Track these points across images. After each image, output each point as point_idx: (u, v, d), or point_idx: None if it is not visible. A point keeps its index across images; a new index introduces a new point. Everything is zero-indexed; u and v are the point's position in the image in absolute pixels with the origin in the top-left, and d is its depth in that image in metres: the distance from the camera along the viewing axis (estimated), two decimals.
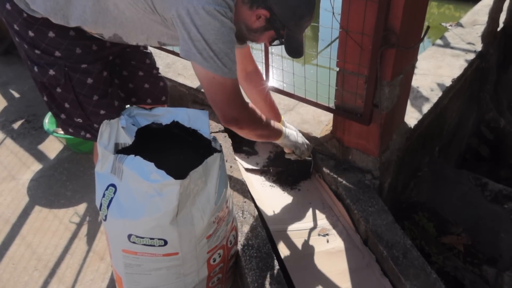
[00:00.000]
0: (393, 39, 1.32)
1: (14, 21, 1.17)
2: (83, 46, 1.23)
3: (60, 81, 1.24)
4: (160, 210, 1.02)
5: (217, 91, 1.12)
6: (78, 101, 1.28)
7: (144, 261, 1.12)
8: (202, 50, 1.05)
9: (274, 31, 1.20)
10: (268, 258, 1.37)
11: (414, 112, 1.89)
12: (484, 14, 2.81)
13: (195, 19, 1.02)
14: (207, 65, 1.07)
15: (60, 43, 1.19)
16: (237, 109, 1.18)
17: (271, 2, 1.12)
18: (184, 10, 1.02)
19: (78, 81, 1.25)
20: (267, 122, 1.37)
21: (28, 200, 1.94)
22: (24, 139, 2.37)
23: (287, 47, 1.23)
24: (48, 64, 1.21)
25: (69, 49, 1.21)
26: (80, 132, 1.37)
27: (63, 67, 1.21)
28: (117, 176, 1.06)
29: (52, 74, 1.22)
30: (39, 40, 1.19)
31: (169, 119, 1.23)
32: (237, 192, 1.63)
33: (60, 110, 1.32)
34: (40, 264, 1.63)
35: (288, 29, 1.18)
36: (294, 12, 1.15)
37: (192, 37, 1.04)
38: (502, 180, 2.57)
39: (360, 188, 1.64)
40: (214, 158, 1.10)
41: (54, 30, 1.18)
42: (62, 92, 1.27)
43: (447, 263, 1.87)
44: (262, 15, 1.15)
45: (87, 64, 1.25)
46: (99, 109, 1.31)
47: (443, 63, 2.30)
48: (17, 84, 2.94)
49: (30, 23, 1.16)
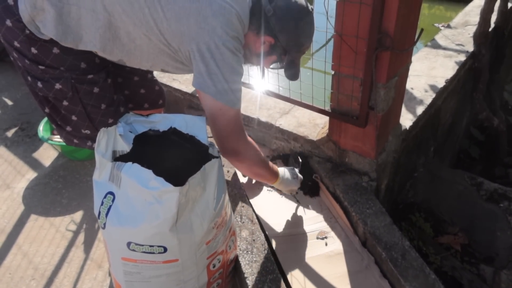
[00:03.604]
0: (388, 42, 1.33)
1: (15, 38, 1.16)
2: (87, 60, 1.23)
3: (67, 94, 1.23)
4: (159, 217, 1.02)
5: (224, 121, 1.17)
6: (86, 112, 1.28)
7: (144, 269, 1.12)
8: (217, 82, 1.11)
9: (276, 56, 1.27)
10: (267, 262, 1.37)
11: (409, 114, 1.90)
12: (475, 15, 2.85)
13: (215, 54, 1.09)
14: (220, 97, 1.13)
15: (65, 59, 1.19)
16: (240, 141, 1.24)
17: (276, 30, 1.20)
18: (205, 45, 1.09)
19: (85, 92, 1.25)
20: (266, 162, 1.41)
21: (23, 209, 1.93)
22: (18, 147, 2.35)
23: (286, 71, 1.31)
24: (53, 78, 1.20)
25: (74, 64, 1.21)
26: (86, 142, 1.37)
27: (69, 79, 1.21)
28: (115, 184, 1.05)
29: (59, 88, 1.22)
30: (43, 57, 1.18)
31: (166, 126, 1.23)
32: (235, 197, 1.63)
33: (65, 123, 1.31)
34: (37, 273, 1.62)
35: (290, 54, 1.26)
36: (296, 40, 1.23)
37: (209, 70, 1.10)
38: (496, 179, 2.60)
39: (358, 190, 1.65)
40: (212, 164, 1.10)
41: (58, 46, 1.17)
42: (69, 105, 1.26)
43: (444, 263, 1.88)
44: (267, 42, 1.23)
45: (93, 75, 1.25)
46: (107, 118, 1.32)
47: (436, 64, 2.32)
48: (10, 91, 2.92)
49: (33, 40, 1.15)
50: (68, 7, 1.10)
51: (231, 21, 1.12)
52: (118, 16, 1.12)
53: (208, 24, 1.09)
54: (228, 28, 1.11)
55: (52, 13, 1.09)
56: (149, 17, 1.11)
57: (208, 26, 1.09)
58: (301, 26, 1.21)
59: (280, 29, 1.19)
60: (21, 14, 1.10)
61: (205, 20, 1.09)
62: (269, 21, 1.19)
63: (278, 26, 1.19)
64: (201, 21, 1.09)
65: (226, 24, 1.10)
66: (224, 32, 1.10)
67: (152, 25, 1.12)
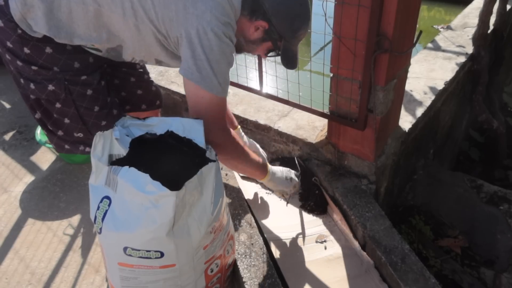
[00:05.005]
0: (386, 44, 1.33)
1: (7, 39, 1.15)
2: (80, 59, 1.22)
3: (60, 96, 1.22)
4: (156, 222, 1.01)
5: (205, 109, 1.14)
6: (79, 115, 1.26)
7: (141, 274, 1.10)
8: (203, 69, 1.07)
9: (271, 42, 1.23)
10: (266, 266, 1.36)
11: (408, 116, 1.89)
12: (474, 17, 2.84)
13: (202, 40, 1.06)
14: (204, 84, 1.09)
15: (58, 58, 1.18)
16: (219, 132, 1.20)
17: (269, 14, 1.15)
18: (194, 30, 1.06)
19: (78, 93, 1.24)
20: (248, 157, 1.35)
21: (20, 213, 1.91)
22: (15, 151, 2.34)
23: (283, 58, 1.26)
24: (46, 79, 1.19)
25: (68, 64, 1.20)
26: (78, 147, 1.35)
27: (62, 81, 1.20)
28: (112, 188, 1.04)
29: (52, 90, 1.20)
30: (35, 57, 1.16)
31: (163, 129, 1.22)
32: (233, 200, 1.62)
33: (57, 127, 1.30)
34: (34, 278, 1.60)
35: (285, 40, 1.21)
36: (291, 23, 1.18)
37: (195, 56, 1.07)
38: (496, 181, 2.59)
39: (357, 193, 1.64)
40: (209, 168, 1.08)
41: (51, 46, 1.16)
42: (62, 107, 1.25)
43: (445, 266, 1.86)
44: (261, 27, 1.18)
45: (86, 76, 1.24)
46: (100, 120, 1.30)
47: (436, 66, 2.32)
48: (8, 94, 2.91)
49: (26, 39, 1.14)
50: (58, 1, 1.09)
51: (221, 5, 1.08)
52: (107, 6, 1.10)
53: (197, 8, 1.06)
54: (218, 13, 1.07)
55: (42, 9, 1.08)
56: (138, 5, 1.10)
57: (197, 11, 1.06)
58: (295, 9, 1.17)
59: (274, 13, 1.14)
60: (12, 12, 1.09)
61: (194, 4, 1.06)
62: (262, 4, 1.14)
63: (271, 9, 1.14)
64: (190, 6, 1.06)
65: (216, 8, 1.06)
66: (213, 17, 1.06)
67: (141, 13, 1.10)
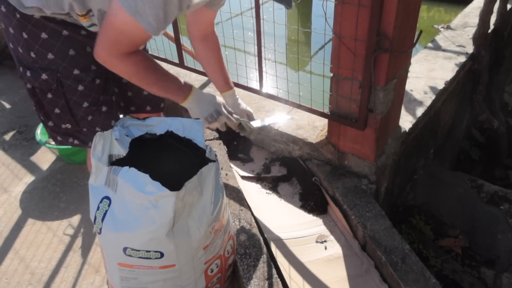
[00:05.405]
0: (386, 44, 1.32)
1: (9, 24, 1.16)
2: (76, 46, 1.22)
3: (51, 86, 1.23)
4: (155, 222, 1.01)
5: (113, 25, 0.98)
6: (69, 107, 1.27)
7: (141, 274, 1.10)
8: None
9: None
10: (266, 267, 1.35)
11: (409, 116, 1.89)
12: (474, 17, 2.84)
13: None
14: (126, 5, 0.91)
15: (53, 44, 1.18)
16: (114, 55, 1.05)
17: None
18: None
19: (69, 87, 1.24)
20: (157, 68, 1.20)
21: (20, 213, 1.91)
22: (16, 151, 2.34)
23: None
24: (41, 68, 1.20)
25: (63, 50, 1.20)
26: (68, 139, 1.36)
27: (55, 72, 1.20)
28: (112, 188, 1.04)
29: (45, 79, 1.21)
30: (32, 42, 1.17)
31: (163, 129, 1.22)
32: (233, 200, 1.62)
33: (47, 118, 1.31)
34: (34, 278, 1.60)
35: None
36: None
37: None
38: (496, 181, 2.59)
39: (357, 193, 1.64)
40: (209, 168, 1.08)
41: (46, 31, 1.17)
42: (53, 98, 1.26)
43: (445, 266, 1.86)
44: None
45: (79, 71, 1.23)
46: (87, 115, 1.30)
47: (436, 65, 2.32)
48: (8, 94, 2.91)
49: (24, 24, 1.15)
50: None
51: None
52: None
53: None
54: None
55: None
56: None
57: None
58: None
59: None
60: None
61: None
62: None
63: None
64: None
65: None
66: None
67: None
